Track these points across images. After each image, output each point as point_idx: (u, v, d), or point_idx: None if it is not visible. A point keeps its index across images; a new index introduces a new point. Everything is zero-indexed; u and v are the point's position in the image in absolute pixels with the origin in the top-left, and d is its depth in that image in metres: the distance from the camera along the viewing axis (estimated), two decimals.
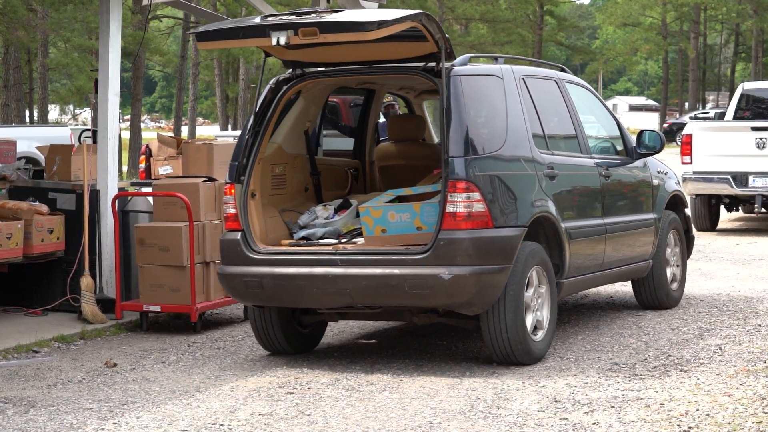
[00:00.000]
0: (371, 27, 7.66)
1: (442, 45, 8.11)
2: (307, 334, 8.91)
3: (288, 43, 7.84)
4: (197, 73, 45.62)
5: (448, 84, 8.06)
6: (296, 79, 8.71)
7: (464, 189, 7.78)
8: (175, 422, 6.66)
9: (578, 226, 8.85)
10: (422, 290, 7.74)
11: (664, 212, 10.43)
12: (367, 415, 6.71)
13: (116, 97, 10.30)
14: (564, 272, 8.65)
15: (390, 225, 8.17)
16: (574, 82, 9.81)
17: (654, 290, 10.34)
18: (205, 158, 10.07)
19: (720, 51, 79.21)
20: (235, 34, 8.22)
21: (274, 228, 8.61)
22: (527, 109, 8.59)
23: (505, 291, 7.94)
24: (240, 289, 8.27)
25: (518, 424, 6.42)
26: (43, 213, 10.02)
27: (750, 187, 16.91)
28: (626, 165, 9.97)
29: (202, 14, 19.37)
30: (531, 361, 8.11)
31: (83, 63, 32.51)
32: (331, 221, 8.65)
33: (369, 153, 10.12)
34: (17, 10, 26.43)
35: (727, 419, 6.37)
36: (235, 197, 8.39)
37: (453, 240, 7.72)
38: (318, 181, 9.27)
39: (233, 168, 8.48)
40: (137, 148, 30.16)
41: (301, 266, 8.06)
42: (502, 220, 7.91)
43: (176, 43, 57.12)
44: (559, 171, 8.68)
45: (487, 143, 8.10)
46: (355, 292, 7.94)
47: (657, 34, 66.17)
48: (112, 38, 10.20)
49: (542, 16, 57.12)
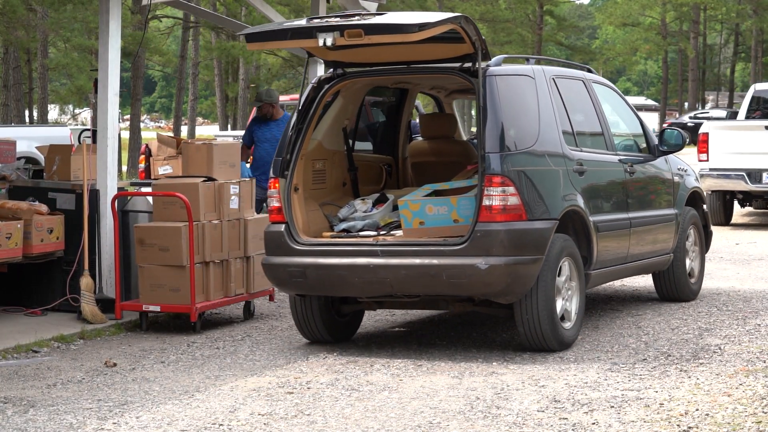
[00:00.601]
0: (413, 29, 8.11)
1: (478, 46, 8.53)
2: (345, 323, 9.29)
3: (334, 44, 8.27)
4: (197, 73, 45.61)
5: (484, 83, 8.47)
6: (337, 78, 9.14)
7: (500, 183, 8.22)
8: (174, 422, 6.66)
9: (605, 220, 9.25)
10: (460, 279, 8.17)
11: (684, 208, 10.82)
12: (366, 415, 6.71)
13: (116, 96, 10.30)
14: (591, 264, 9.04)
15: (428, 217, 8.58)
16: (599, 82, 10.25)
17: (674, 283, 10.73)
18: (205, 158, 10.07)
19: (720, 51, 79.19)
20: (283, 35, 8.65)
21: (315, 221, 9.03)
22: (557, 108, 9.00)
23: (537, 281, 8.35)
24: (284, 278, 8.68)
25: (518, 424, 6.42)
26: (43, 213, 10.01)
27: (763, 183, 17.73)
28: (649, 162, 10.37)
29: (202, 14, 19.38)
30: (561, 348, 8.52)
31: (83, 63, 32.49)
32: (370, 214, 9.08)
33: (402, 150, 10.48)
34: (17, 10, 26.42)
35: (727, 419, 6.37)
36: (279, 191, 8.80)
37: (489, 232, 8.16)
38: (355, 177, 9.71)
39: (277, 163, 8.90)
40: (137, 148, 30.16)
41: (344, 257, 8.49)
42: (535, 213, 8.33)
43: (176, 43, 57.10)
44: (588, 167, 9.09)
45: (521, 140, 8.50)
46: (395, 281, 8.35)
47: (657, 34, 66.14)
48: (111, 38, 10.20)
49: (542, 16, 57.08)
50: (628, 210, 9.73)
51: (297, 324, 9.12)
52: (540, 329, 8.41)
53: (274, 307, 10.98)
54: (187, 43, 41.80)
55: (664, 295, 10.86)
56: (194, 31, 43.06)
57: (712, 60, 77.98)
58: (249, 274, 10.23)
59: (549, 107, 8.88)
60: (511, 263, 8.15)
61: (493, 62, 8.76)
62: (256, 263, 10.24)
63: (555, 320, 8.46)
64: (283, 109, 14.28)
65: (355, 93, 9.56)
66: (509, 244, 8.17)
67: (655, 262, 10.31)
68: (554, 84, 9.15)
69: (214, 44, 43.64)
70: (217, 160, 10.07)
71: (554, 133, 8.83)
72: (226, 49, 38.91)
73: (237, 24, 17.24)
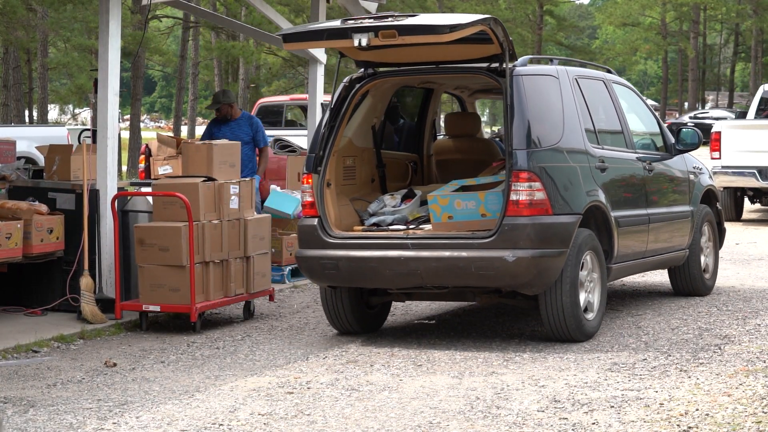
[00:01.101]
0: (445, 30, 8.44)
1: (506, 47, 8.84)
2: (374, 315, 9.64)
3: (368, 44, 8.59)
4: (197, 72, 45.58)
5: (511, 83, 8.82)
6: (368, 78, 9.50)
7: (526, 179, 8.58)
8: (174, 422, 6.66)
9: (625, 215, 9.59)
10: (488, 271, 8.52)
11: (699, 206, 11.13)
12: (366, 415, 6.71)
13: (116, 96, 10.29)
14: (612, 258, 9.37)
15: (456, 212, 8.92)
16: (619, 82, 10.61)
17: (689, 278, 11.03)
18: (205, 158, 10.07)
19: (720, 51, 79.17)
20: (320, 35, 9.11)
21: (346, 215, 9.38)
22: (580, 107, 9.35)
23: (562, 273, 8.69)
24: (317, 270, 9.02)
25: (518, 423, 6.42)
26: (43, 213, 10.01)
27: None
28: (666, 160, 10.70)
29: (202, 14, 19.38)
30: (584, 338, 8.85)
31: (83, 63, 32.47)
32: (399, 209, 9.42)
33: (427, 147, 10.85)
34: (17, 10, 26.41)
35: (727, 419, 6.37)
36: (313, 186, 9.15)
37: (516, 225, 8.51)
38: (383, 173, 10.08)
39: (310, 159, 9.24)
40: (137, 148, 30.14)
41: (375, 249, 8.84)
42: (560, 208, 8.68)
43: (176, 43, 57.08)
44: (609, 164, 9.44)
45: (546, 137, 8.85)
46: (425, 273, 8.69)
47: (656, 34, 66.14)
48: (111, 38, 10.19)
49: (542, 16, 57.08)
50: (646, 206, 10.05)
51: (327, 315, 9.43)
52: (564, 320, 8.73)
53: (274, 307, 10.98)
54: (187, 43, 41.77)
55: (679, 290, 11.13)
56: (194, 31, 43.04)
57: (712, 60, 77.97)
58: (249, 274, 10.22)
59: (572, 106, 9.22)
60: (538, 256, 8.48)
61: (520, 62, 9.08)
62: (256, 263, 10.24)
63: (578, 311, 8.78)
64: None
65: (383, 92, 9.91)
66: (535, 237, 8.50)
67: (671, 257, 10.61)
68: (577, 84, 9.50)
69: (214, 44, 43.62)
70: (217, 160, 10.06)
71: (577, 131, 9.17)
72: (226, 49, 38.87)
73: (237, 24, 17.25)
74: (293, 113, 23.22)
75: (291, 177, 14.44)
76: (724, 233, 11.84)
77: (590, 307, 9.03)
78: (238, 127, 12.57)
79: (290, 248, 12.36)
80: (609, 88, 10.22)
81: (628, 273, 10.07)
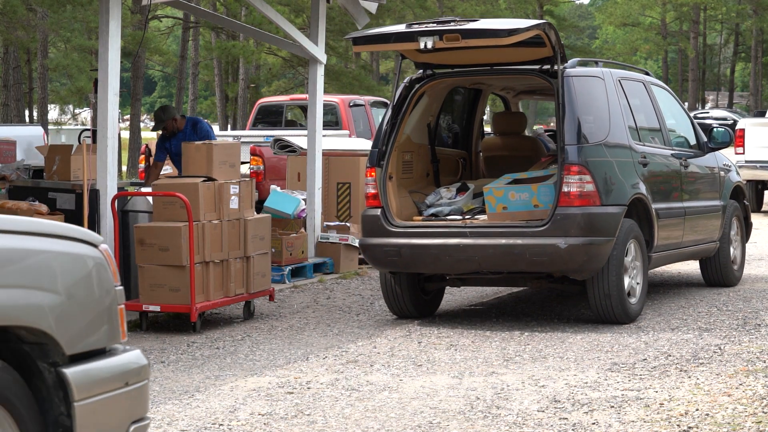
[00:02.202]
0: (505, 34, 9.25)
1: (558, 50, 9.56)
2: (429, 301, 10.30)
3: (434, 46, 9.34)
4: (197, 73, 45.58)
5: (562, 84, 9.53)
6: (426, 78, 10.23)
7: (577, 172, 9.26)
8: (174, 422, 6.66)
9: (664, 207, 10.29)
10: (541, 257, 9.21)
11: (728, 200, 11.81)
12: (366, 415, 6.71)
13: (116, 96, 10.29)
14: (653, 247, 10.05)
15: (510, 203, 9.64)
16: (656, 84, 11.37)
17: (720, 269, 11.68)
18: (205, 158, 10.06)
19: (720, 51, 79.17)
20: (387, 39, 9.79)
21: (405, 206, 10.09)
22: (623, 106, 10.06)
23: (608, 260, 9.36)
24: (380, 257, 9.71)
25: (518, 423, 6.42)
26: (43, 213, 10.00)
27: None
28: (699, 157, 11.39)
29: (202, 14, 19.38)
30: (628, 320, 9.53)
31: (83, 63, 32.44)
32: (454, 201, 10.13)
33: (475, 145, 11.60)
34: (17, 10, 26.40)
35: (727, 419, 6.37)
36: (376, 179, 9.84)
37: (568, 215, 9.21)
38: (437, 168, 10.84)
39: (374, 154, 9.95)
40: (137, 148, 30.14)
41: (436, 237, 9.54)
42: (607, 199, 9.37)
43: (176, 43, 57.06)
44: (650, 159, 10.16)
45: (594, 133, 9.55)
46: (483, 259, 9.38)
47: (657, 34, 66.14)
48: (111, 38, 10.19)
49: (542, 16, 57.07)
50: (682, 200, 10.74)
51: (386, 301, 10.12)
52: (610, 303, 9.40)
53: (274, 307, 10.98)
54: (187, 43, 41.76)
55: (709, 281, 11.79)
56: (194, 31, 43.03)
57: (712, 60, 77.97)
58: (249, 274, 10.22)
59: (617, 105, 9.93)
60: (587, 243, 9.18)
61: (569, 64, 9.80)
62: (256, 263, 10.24)
63: (623, 295, 9.46)
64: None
65: (438, 92, 10.64)
66: (585, 226, 9.19)
67: (704, 248, 11.27)
68: (620, 85, 10.22)
69: (214, 44, 43.59)
70: (217, 160, 10.06)
71: (622, 128, 9.86)
72: (226, 49, 38.84)
73: (237, 24, 17.25)
74: (293, 113, 23.22)
75: (291, 177, 14.45)
76: (751, 227, 12.49)
77: (633, 292, 9.69)
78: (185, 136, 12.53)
79: (290, 248, 12.37)
80: (648, 89, 10.93)
81: (666, 262, 10.75)
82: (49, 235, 4.22)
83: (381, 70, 57.97)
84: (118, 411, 4.39)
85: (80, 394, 4.18)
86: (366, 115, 19.34)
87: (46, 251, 4.17)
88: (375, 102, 20.59)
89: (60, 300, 4.16)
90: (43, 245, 4.16)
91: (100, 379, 4.32)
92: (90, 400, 4.22)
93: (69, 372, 4.17)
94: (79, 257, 4.33)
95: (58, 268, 4.20)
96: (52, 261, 4.18)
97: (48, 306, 4.09)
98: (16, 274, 4.00)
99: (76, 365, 4.22)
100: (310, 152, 13.51)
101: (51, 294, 4.12)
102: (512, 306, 10.88)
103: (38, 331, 4.08)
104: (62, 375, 4.16)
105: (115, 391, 4.36)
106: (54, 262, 4.19)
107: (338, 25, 36.32)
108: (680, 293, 11.39)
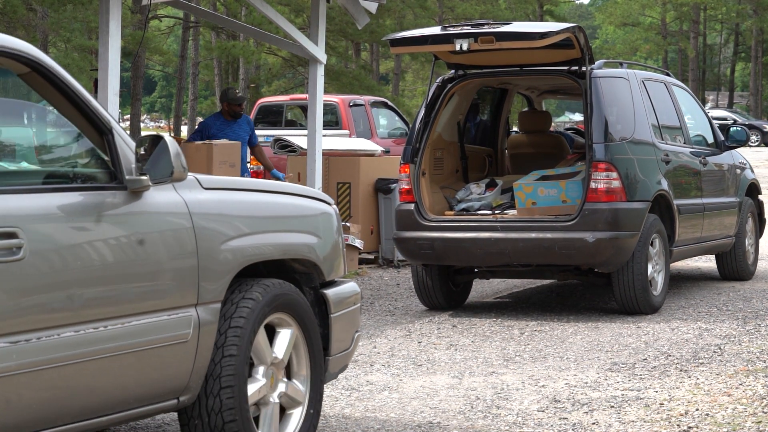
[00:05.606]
0: (538, 37, 9.64)
1: (586, 52, 9.96)
2: (458, 293, 10.72)
3: (469, 48, 9.70)
4: (197, 72, 45.58)
5: (590, 84, 9.94)
6: (458, 78, 10.63)
7: (604, 169, 9.64)
8: (174, 422, 6.65)
9: (685, 203, 10.71)
10: (570, 251, 9.60)
11: (744, 197, 12.26)
12: (366, 415, 6.71)
13: (116, 96, 10.29)
14: (674, 241, 10.49)
15: (539, 198, 10.03)
16: (677, 84, 11.81)
17: (735, 263, 12.13)
18: (205, 158, 10.08)
19: (720, 51, 79.18)
20: (424, 41, 10.17)
21: (437, 201, 10.51)
22: (647, 105, 10.48)
23: (633, 253, 9.75)
24: (414, 250, 10.13)
25: (518, 423, 6.42)
26: None
27: None
28: (717, 155, 11.82)
29: (202, 14, 19.38)
30: (651, 311, 9.97)
31: (83, 63, 32.48)
32: (484, 196, 10.52)
33: (501, 142, 12.10)
34: (17, 10, 26.40)
35: (727, 419, 6.37)
36: (410, 175, 10.23)
37: (595, 210, 9.60)
38: (466, 165, 11.26)
39: (407, 150, 10.37)
40: None
41: (468, 231, 9.95)
42: (633, 195, 9.78)
43: (176, 43, 57.08)
44: (671, 157, 10.58)
45: (621, 132, 9.95)
46: (513, 252, 9.78)
47: (657, 34, 66.18)
48: (112, 38, 10.19)
49: (542, 16, 57.13)
50: (701, 196, 11.19)
51: (417, 292, 10.53)
52: (635, 295, 9.82)
53: None
54: (187, 43, 41.77)
55: (725, 275, 12.25)
56: (194, 31, 43.05)
57: (712, 60, 77.98)
58: None
59: (641, 105, 10.34)
60: (614, 237, 9.57)
61: (596, 66, 10.24)
62: None
63: (647, 288, 9.88)
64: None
65: (468, 92, 11.04)
66: (612, 220, 9.57)
67: (721, 243, 11.71)
68: (643, 85, 10.64)
69: (214, 44, 43.60)
70: (217, 160, 10.07)
71: (646, 126, 10.29)
72: (226, 49, 38.84)
73: (237, 24, 17.24)
74: (293, 113, 23.23)
75: (291, 177, 14.44)
76: (765, 223, 12.90)
77: (655, 284, 10.10)
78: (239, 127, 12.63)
79: None
80: (669, 89, 11.37)
81: (686, 256, 11.21)
82: (309, 197, 5.76)
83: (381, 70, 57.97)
84: (351, 323, 5.95)
85: (335, 308, 5.75)
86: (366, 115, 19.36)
87: (311, 207, 5.73)
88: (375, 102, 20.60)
89: (322, 242, 5.70)
90: (308, 203, 5.72)
91: (344, 298, 5.86)
92: (339, 313, 5.79)
93: (329, 292, 5.74)
94: (327, 212, 5.85)
95: (319, 219, 5.75)
96: (315, 214, 5.74)
97: (317, 245, 5.65)
98: (300, 224, 5.61)
99: (329, 288, 5.76)
100: (310, 152, 13.51)
101: (317, 237, 5.67)
102: (512, 306, 10.88)
103: (310, 263, 5.62)
104: (324, 295, 5.71)
105: (350, 308, 5.92)
106: (315, 215, 5.75)
107: (338, 25, 36.34)
108: (680, 293, 11.39)
